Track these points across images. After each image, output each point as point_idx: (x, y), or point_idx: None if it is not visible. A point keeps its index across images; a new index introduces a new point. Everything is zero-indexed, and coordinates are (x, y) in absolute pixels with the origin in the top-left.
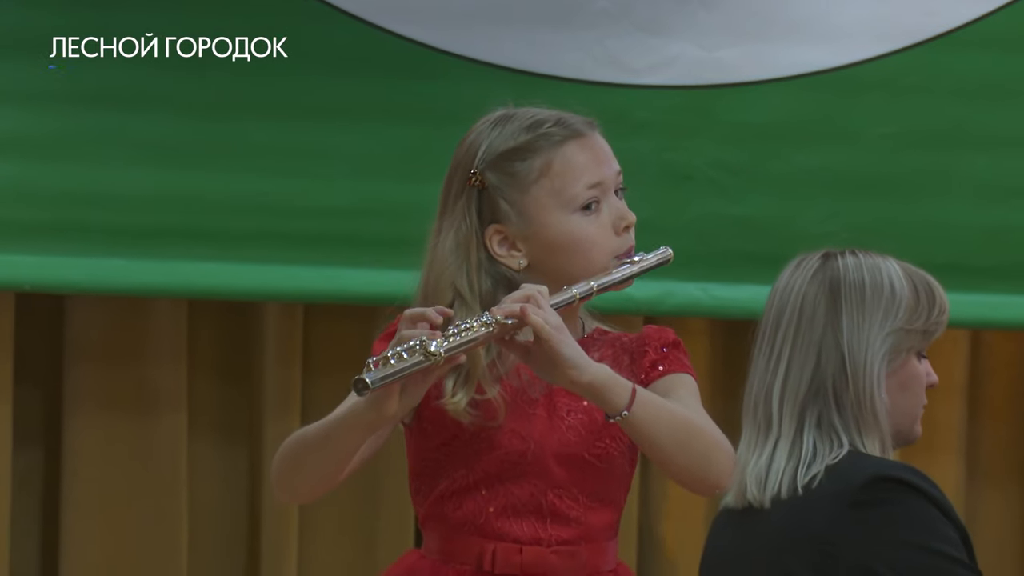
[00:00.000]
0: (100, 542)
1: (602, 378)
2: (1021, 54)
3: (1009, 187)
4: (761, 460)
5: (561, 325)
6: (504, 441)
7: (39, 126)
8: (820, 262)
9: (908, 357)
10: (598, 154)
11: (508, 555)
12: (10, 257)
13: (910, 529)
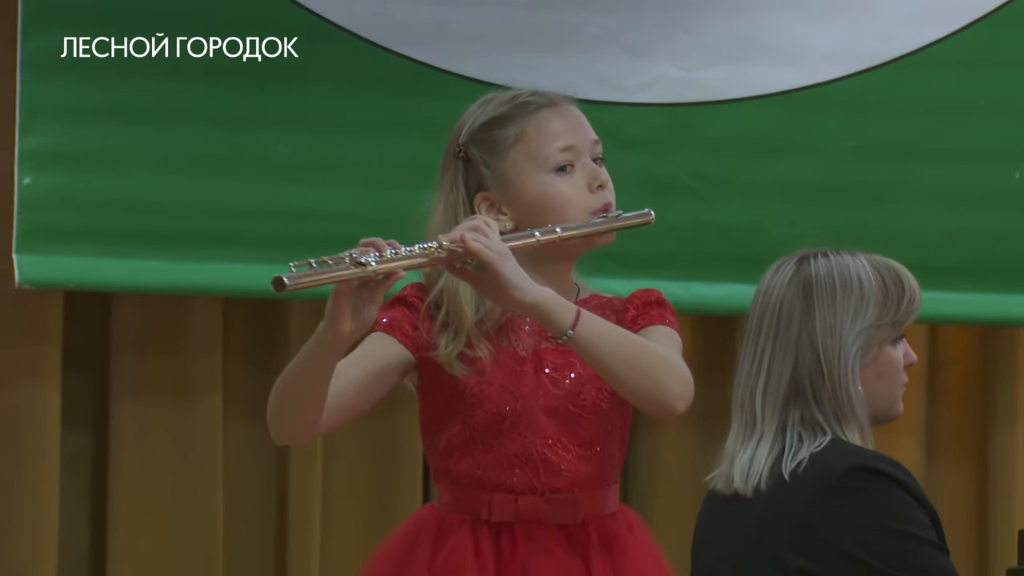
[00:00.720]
0: (144, 517)
1: (546, 299)
2: (969, 75)
3: (959, 195)
4: (746, 455)
5: (505, 251)
6: (495, 397)
7: (83, 141)
8: (795, 266)
9: (882, 348)
10: (571, 120)
11: (504, 505)
12: (58, 259)
13: (883, 515)
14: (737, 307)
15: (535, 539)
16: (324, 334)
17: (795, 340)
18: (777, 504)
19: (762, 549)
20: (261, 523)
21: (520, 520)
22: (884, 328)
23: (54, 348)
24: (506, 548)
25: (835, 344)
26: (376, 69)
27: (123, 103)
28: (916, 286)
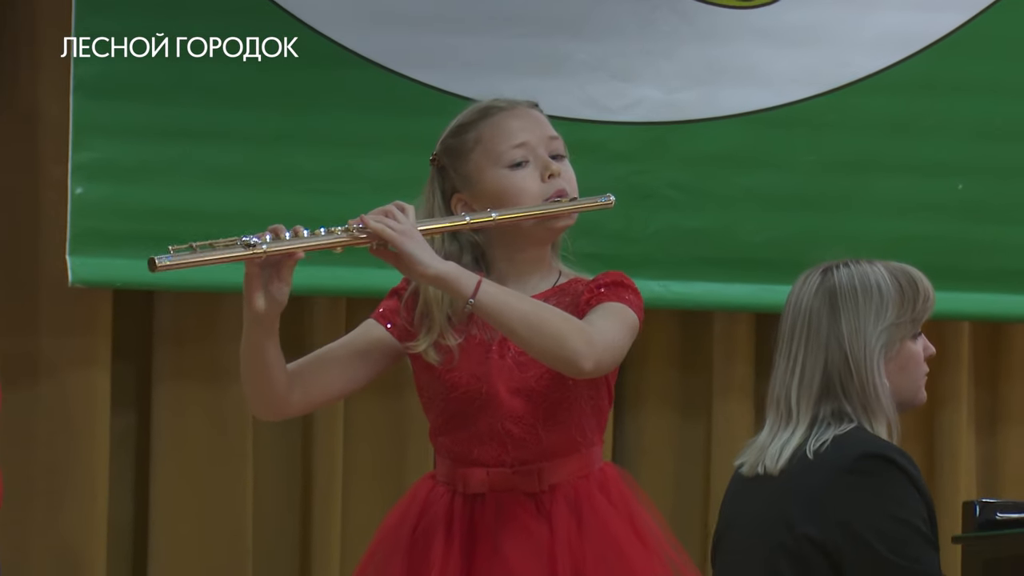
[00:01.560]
0: (183, 489)
1: (449, 271)
2: (917, 98)
3: (908, 204)
4: (780, 441)
5: (408, 230)
6: (464, 382)
7: (129, 155)
8: (820, 277)
9: (903, 344)
10: (526, 121)
11: (477, 478)
12: (106, 261)
13: (890, 501)
14: (710, 303)
15: (505, 508)
16: (245, 313)
17: (824, 342)
18: (797, 477)
19: (777, 514)
20: (287, 495)
21: (492, 490)
22: (904, 326)
23: (103, 339)
24: (478, 518)
25: (860, 343)
26: (390, 92)
27: (165, 122)
28: (929, 285)
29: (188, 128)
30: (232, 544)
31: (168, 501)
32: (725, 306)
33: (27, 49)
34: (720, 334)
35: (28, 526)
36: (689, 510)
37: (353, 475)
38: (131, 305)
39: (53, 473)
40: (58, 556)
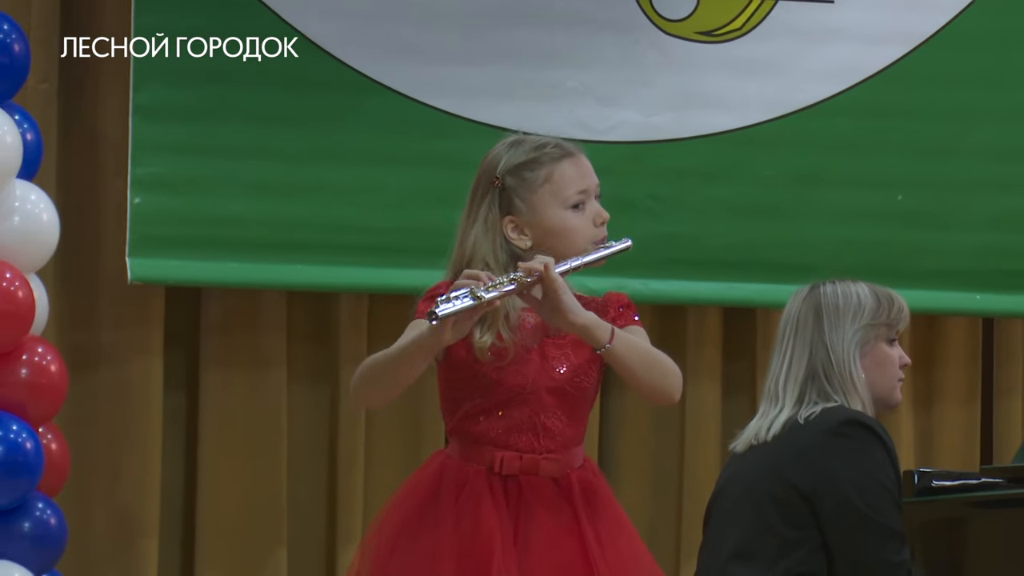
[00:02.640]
0: (226, 460)
1: (592, 321)
2: (862, 120)
3: (854, 213)
4: (770, 417)
5: (564, 283)
6: (509, 378)
7: (180, 170)
8: (809, 290)
9: (877, 343)
10: (584, 170)
11: (512, 461)
12: (160, 261)
13: (864, 458)
14: (684, 298)
15: (534, 488)
16: (429, 340)
17: (809, 340)
18: (788, 438)
19: (768, 468)
20: (316, 466)
21: (523, 472)
22: (879, 328)
23: (157, 330)
24: (512, 494)
25: (839, 337)
26: (406, 115)
27: (211, 142)
28: (904, 302)
29: (231, 147)
30: (268, 504)
31: (213, 469)
32: (696, 301)
33: (91, 82)
34: (692, 325)
35: (92, 492)
36: (666, 474)
37: (373, 446)
38: (181, 300)
39: (113, 446)
40: (118, 517)
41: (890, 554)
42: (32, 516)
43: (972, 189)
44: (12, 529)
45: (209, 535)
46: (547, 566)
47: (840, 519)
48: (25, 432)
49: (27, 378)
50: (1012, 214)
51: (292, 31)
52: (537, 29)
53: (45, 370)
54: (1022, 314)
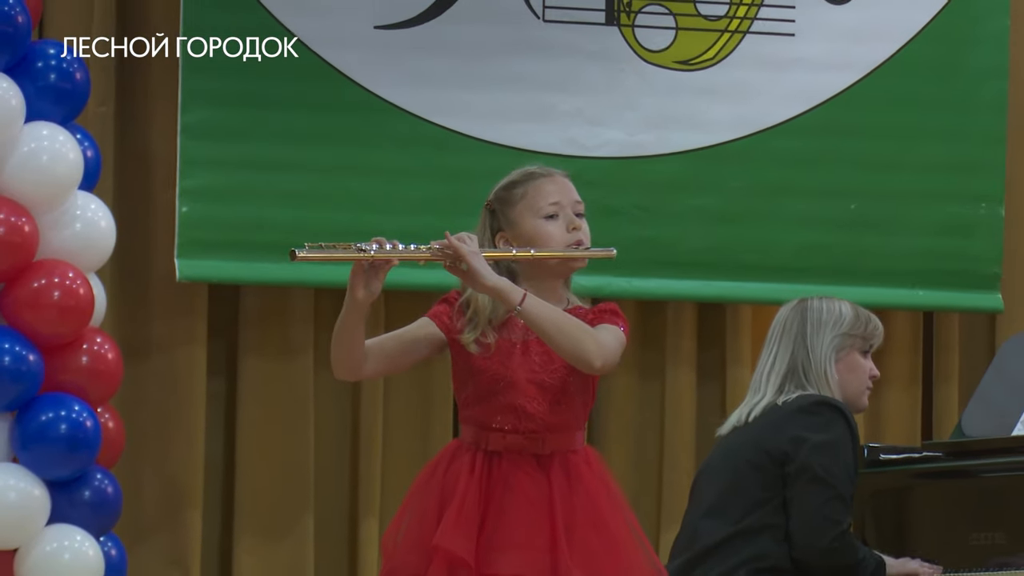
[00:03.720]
0: (261, 437)
1: (502, 284)
2: (820, 138)
3: (813, 220)
4: (751, 404)
5: (476, 252)
6: (494, 369)
7: (223, 183)
8: (797, 301)
9: (852, 352)
10: (560, 186)
11: (496, 439)
12: (204, 262)
13: (831, 433)
14: (663, 295)
15: (515, 462)
16: (347, 300)
17: (793, 340)
18: (767, 417)
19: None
20: (339, 442)
21: (507, 450)
22: (854, 338)
23: (201, 322)
24: (495, 468)
25: (820, 341)
26: (420, 134)
27: (249, 157)
28: (879, 323)
29: (266, 161)
30: (297, 477)
31: (249, 445)
32: (674, 297)
33: (144, 105)
34: (671, 318)
35: (143, 464)
36: (648, 449)
37: (389, 425)
38: (222, 296)
39: (162, 424)
40: (166, 487)
41: (832, 512)
42: (91, 485)
43: (916, 199)
44: (74, 497)
45: (246, 503)
46: (518, 524)
47: (797, 477)
48: (86, 412)
49: (87, 365)
50: (951, 221)
51: (320, 60)
52: (534, 59)
53: (103, 358)
54: (958, 309)
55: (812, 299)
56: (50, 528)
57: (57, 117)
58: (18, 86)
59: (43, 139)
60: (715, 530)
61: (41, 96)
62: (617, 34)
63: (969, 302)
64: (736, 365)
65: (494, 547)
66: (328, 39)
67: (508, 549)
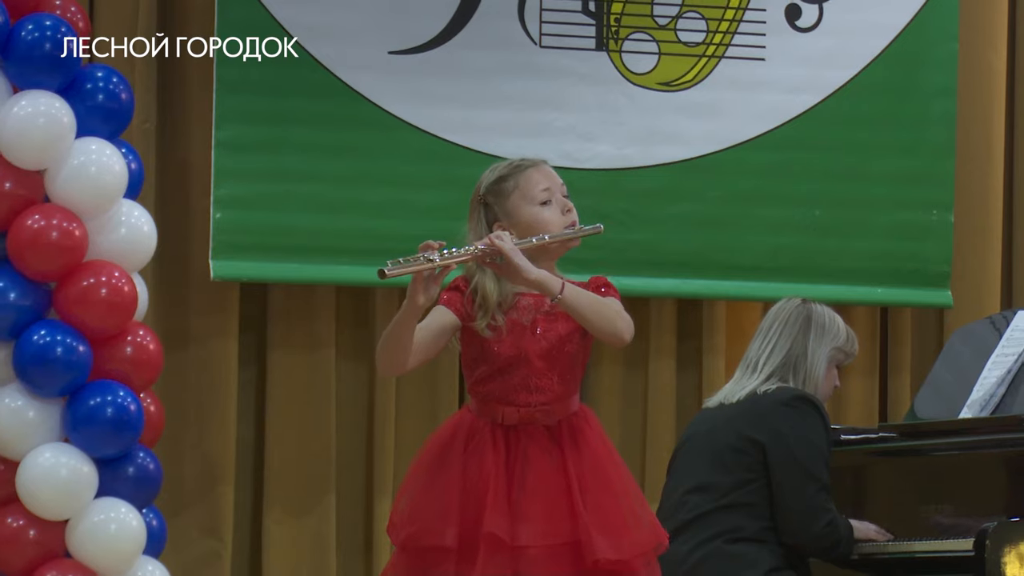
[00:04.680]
0: (287, 422)
1: (544, 276)
2: (787, 152)
3: (781, 225)
4: (741, 385)
5: (516, 248)
6: (506, 349)
7: (252, 192)
8: (801, 301)
9: (832, 363)
10: (546, 173)
11: (511, 414)
12: (237, 263)
13: (808, 426)
14: (646, 292)
15: (530, 435)
16: (408, 305)
17: (793, 338)
18: (749, 404)
19: (730, 425)
20: (357, 427)
21: (521, 423)
22: (840, 354)
23: (233, 317)
24: (512, 440)
25: (819, 349)
26: (428, 148)
27: (276, 169)
28: (857, 340)
29: (292, 172)
30: (320, 457)
31: (277, 429)
32: (656, 294)
33: (183, 122)
34: (653, 313)
35: (182, 445)
36: (633, 430)
37: (401, 411)
38: (253, 294)
39: (199, 409)
40: (202, 465)
41: (822, 502)
42: (135, 463)
43: (873, 206)
44: (119, 473)
45: (274, 481)
46: (540, 496)
47: (783, 468)
48: (130, 397)
49: (131, 355)
50: (904, 226)
51: (340, 82)
52: (532, 81)
53: (145, 348)
54: (911, 305)
55: (815, 305)
56: (97, 501)
57: (104, 133)
58: (69, 106)
59: (92, 153)
60: (698, 505)
61: (90, 114)
62: (606, 58)
63: (921, 299)
64: (712, 356)
65: (519, 519)
66: (347, 63)
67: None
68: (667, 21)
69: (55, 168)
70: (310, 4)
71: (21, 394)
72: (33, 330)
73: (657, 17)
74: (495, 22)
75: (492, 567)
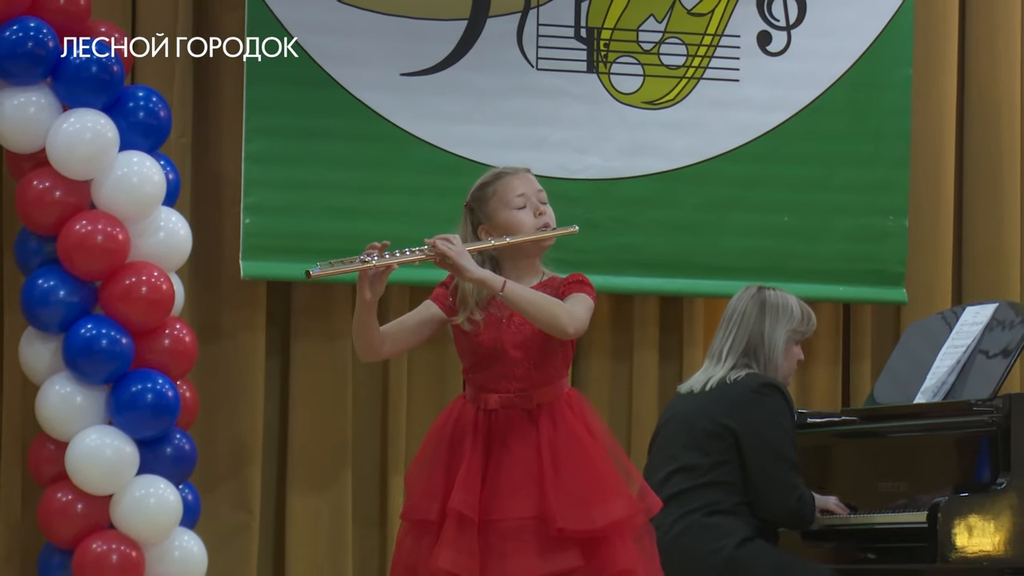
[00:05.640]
0: (309, 403)
1: (486, 275)
2: (758, 165)
3: (753, 229)
4: (709, 373)
5: (461, 250)
6: (486, 341)
7: (278, 200)
8: (756, 290)
9: (790, 343)
10: (523, 180)
11: (493, 399)
12: (264, 263)
13: (775, 411)
14: (632, 290)
15: (510, 418)
16: (357, 301)
17: (751, 327)
18: (719, 392)
19: (704, 411)
20: (371, 411)
21: (502, 407)
22: (797, 333)
23: (261, 312)
24: (493, 424)
25: (774, 333)
26: (435, 159)
27: (300, 179)
28: (814, 316)
29: (314, 182)
30: (338, 439)
31: (300, 413)
32: (641, 291)
33: (215, 137)
34: (637, 309)
35: (214, 426)
36: (618, 419)
37: (412, 397)
38: (279, 291)
39: (230, 395)
40: (232, 445)
41: (792, 478)
42: (172, 443)
43: (836, 213)
44: (158, 453)
45: (296, 460)
46: (512, 474)
47: (755, 451)
48: (167, 384)
49: (169, 346)
50: (864, 230)
51: (357, 101)
52: (529, 100)
53: (181, 340)
54: (870, 301)
55: (767, 291)
56: (139, 478)
57: (145, 147)
58: (113, 122)
59: (133, 165)
60: (680, 483)
61: (132, 130)
62: (596, 80)
63: (879, 296)
64: (691, 347)
65: (493, 494)
66: (363, 84)
67: (504, 495)
68: (651, 46)
69: (100, 178)
70: (331, 32)
71: (70, 382)
72: (80, 324)
73: (642, 43)
74: (496, 47)
75: (459, 540)
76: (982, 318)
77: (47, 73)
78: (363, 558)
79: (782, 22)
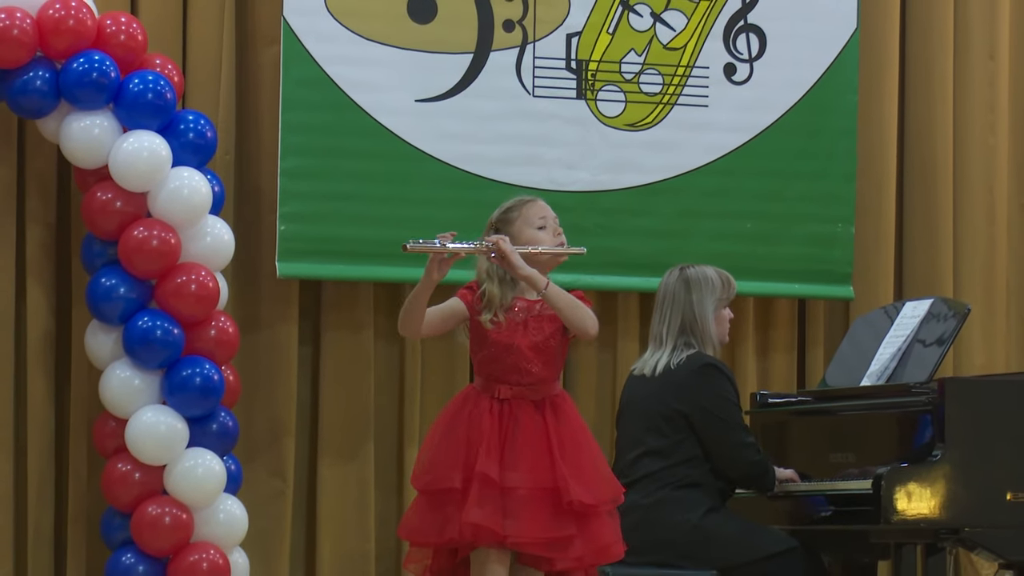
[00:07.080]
0: (337, 387)
1: (534, 273)
2: (727, 178)
3: (724, 235)
4: (656, 357)
5: (515, 251)
6: (504, 339)
7: (310, 210)
8: (679, 271)
9: (719, 308)
10: (542, 207)
11: (505, 390)
12: (297, 264)
13: (718, 388)
14: (615, 287)
15: (520, 406)
16: (423, 281)
17: (682, 306)
18: (667, 377)
19: (656, 397)
20: (390, 391)
21: (513, 397)
22: (722, 300)
23: (294, 307)
24: (506, 410)
25: (702, 308)
26: (450, 176)
27: (329, 191)
28: (734, 281)
29: (340, 194)
30: (361, 414)
31: (329, 394)
32: (624, 289)
33: (255, 154)
34: (620, 304)
35: (253, 406)
36: (604, 402)
37: (426, 379)
38: (310, 288)
39: (267, 378)
40: (269, 421)
41: (743, 439)
42: (217, 420)
43: (793, 221)
44: (205, 429)
45: (326, 434)
46: (526, 450)
47: (707, 426)
48: (214, 369)
49: (215, 336)
50: (817, 236)
51: (378, 124)
52: (527, 123)
53: (226, 331)
54: (823, 297)
55: (687, 269)
56: (188, 450)
57: (194, 163)
58: (167, 142)
59: (184, 179)
60: (648, 465)
61: (183, 149)
62: (584, 105)
63: (830, 293)
64: None
65: (509, 467)
66: (384, 109)
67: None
68: (632, 76)
69: (156, 190)
70: (355, 64)
71: (128, 367)
72: (138, 317)
73: (624, 73)
74: (498, 77)
75: (484, 499)
76: (920, 312)
77: (110, 99)
78: (383, 520)
79: (745, 55)
